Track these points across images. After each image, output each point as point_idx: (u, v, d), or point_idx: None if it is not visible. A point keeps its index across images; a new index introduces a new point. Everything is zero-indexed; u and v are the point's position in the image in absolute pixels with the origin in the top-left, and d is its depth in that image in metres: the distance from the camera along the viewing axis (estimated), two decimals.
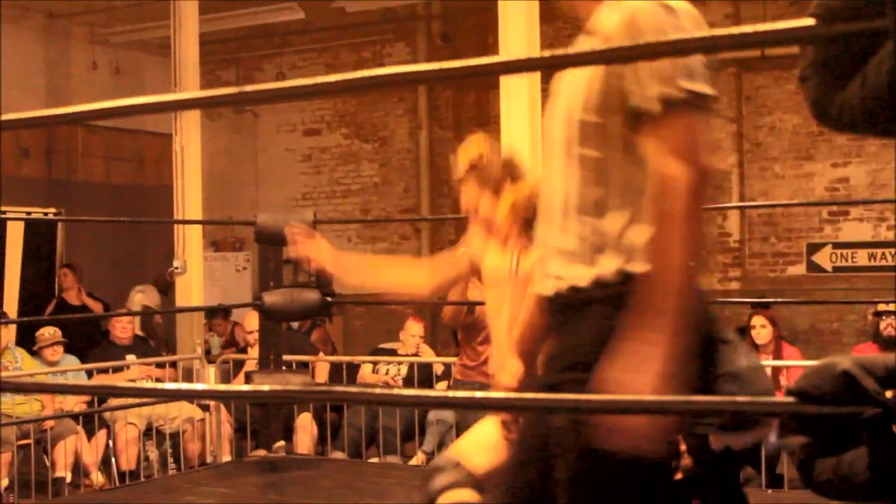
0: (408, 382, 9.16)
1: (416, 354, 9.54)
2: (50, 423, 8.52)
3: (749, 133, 12.83)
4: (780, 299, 11.77)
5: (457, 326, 7.13)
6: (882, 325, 9.21)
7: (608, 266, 2.61)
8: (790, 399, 1.97)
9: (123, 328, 9.72)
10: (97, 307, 11.72)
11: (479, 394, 1.88)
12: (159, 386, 2.48)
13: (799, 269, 12.63)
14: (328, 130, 15.03)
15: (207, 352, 10.45)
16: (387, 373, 9.48)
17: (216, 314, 12.07)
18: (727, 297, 11.99)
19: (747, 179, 12.89)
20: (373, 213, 14.85)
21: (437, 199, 14.41)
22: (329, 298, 7.79)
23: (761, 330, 8.87)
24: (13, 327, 9.18)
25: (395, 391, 1.65)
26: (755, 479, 8.04)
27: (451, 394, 2.10)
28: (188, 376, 9.24)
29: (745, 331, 9.30)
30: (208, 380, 9.09)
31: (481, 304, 6.82)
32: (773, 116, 12.68)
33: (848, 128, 1.92)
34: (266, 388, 2.89)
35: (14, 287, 13.07)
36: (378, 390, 1.95)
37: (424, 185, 14.48)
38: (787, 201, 12.63)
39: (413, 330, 9.71)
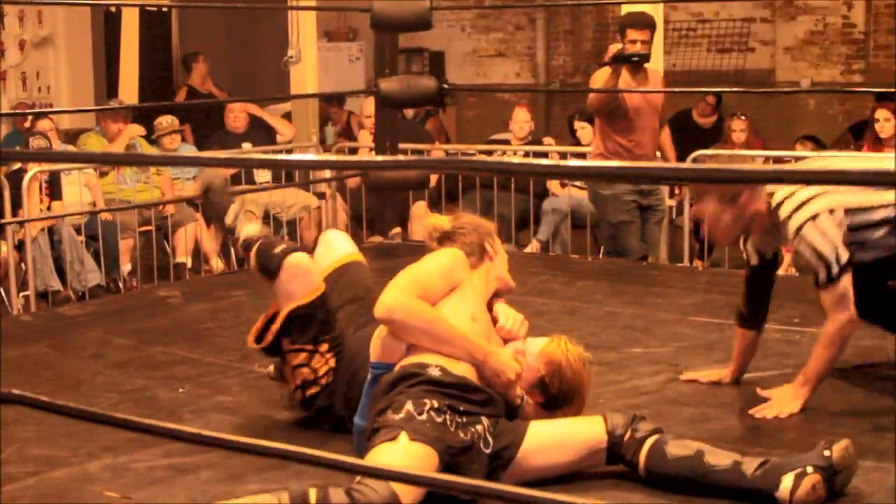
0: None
1: (528, 142, 9.49)
2: (170, 209, 8.66)
3: None
4: None
5: (600, 112, 6.99)
6: None
7: None
8: None
9: (236, 117, 9.76)
10: (223, 97, 11.78)
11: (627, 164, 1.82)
12: (296, 157, 2.42)
13: None
14: None
15: (322, 140, 10.48)
16: None
17: (332, 102, 12.08)
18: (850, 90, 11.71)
19: None
20: (487, 1, 14.60)
21: None
22: (444, 86, 7.73)
23: (885, 123, 8.67)
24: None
25: (529, 160, 1.58)
26: None
27: (590, 163, 2.03)
28: None
29: (868, 124, 9.09)
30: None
31: (627, 91, 6.67)
32: None
33: None
34: (402, 157, 2.84)
35: (132, 77, 13.14)
36: (514, 159, 1.86)
37: None
38: None
39: (520, 116, 9.63)
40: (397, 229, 8.42)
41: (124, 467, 3.78)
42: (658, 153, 7.26)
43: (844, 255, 4.05)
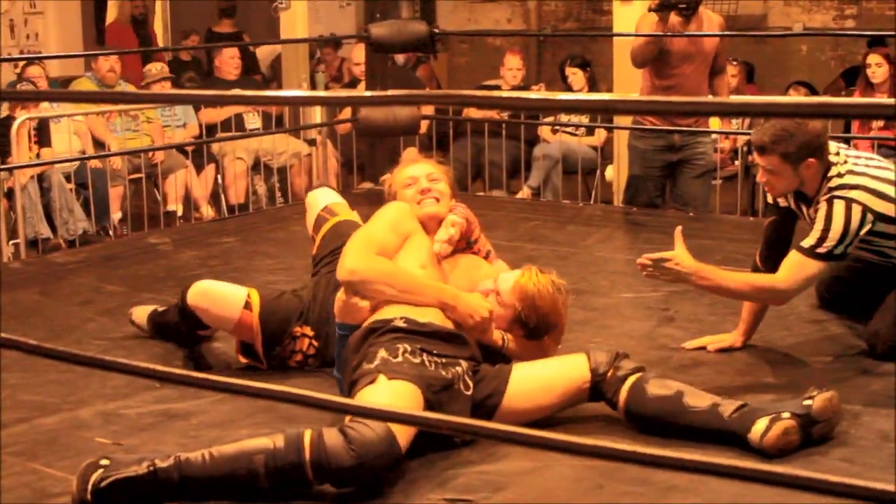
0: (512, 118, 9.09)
1: (519, 88, 9.46)
2: (160, 157, 8.62)
3: None
4: None
5: (645, 64, 6.77)
6: None
7: None
8: None
9: (227, 62, 9.68)
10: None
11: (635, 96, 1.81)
12: (287, 93, 2.40)
13: None
14: None
15: (312, 87, 10.43)
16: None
17: (326, 45, 12.03)
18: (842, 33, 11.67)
19: None
20: None
21: None
22: (435, 31, 7.67)
23: (877, 68, 8.65)
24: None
25: (518, 94, 1.58)
26: None
27: (583, 96, 2.02)
28: (294, 111, 9.23)
29: (860, 70, 9.07)
30: (314, 114, 9.10)
31: (673, 35, 6.54)
32: None
33: None
34: (391, 92, 2.82)
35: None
36: (502, 93, 1.84)
37: None
38: None
39: (511, 63, 9.60)
40: (388, 175, 8.38)
41: (115, 413, 3.79)
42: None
43: (841, 250, 3.95)
